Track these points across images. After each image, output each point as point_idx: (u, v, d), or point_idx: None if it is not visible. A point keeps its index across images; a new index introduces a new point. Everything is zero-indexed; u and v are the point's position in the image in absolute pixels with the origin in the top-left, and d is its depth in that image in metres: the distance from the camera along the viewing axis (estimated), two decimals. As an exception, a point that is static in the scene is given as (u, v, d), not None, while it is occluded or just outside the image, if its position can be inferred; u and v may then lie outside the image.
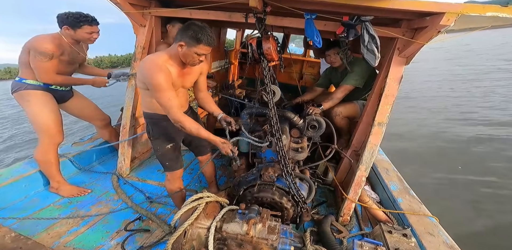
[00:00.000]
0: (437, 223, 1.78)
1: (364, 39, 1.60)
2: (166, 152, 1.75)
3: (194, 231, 1.24)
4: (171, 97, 1.42)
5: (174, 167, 1.80)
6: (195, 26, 1.37)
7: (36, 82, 1.95)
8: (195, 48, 1.39)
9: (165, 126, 1.68)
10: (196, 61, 1.47)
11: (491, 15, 1.25)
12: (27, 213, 1.86)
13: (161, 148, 1.73)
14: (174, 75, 1.47)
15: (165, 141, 1.73)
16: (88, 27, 1.94)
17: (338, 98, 2.32)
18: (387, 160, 2.59)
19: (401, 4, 1.40)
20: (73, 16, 1.88)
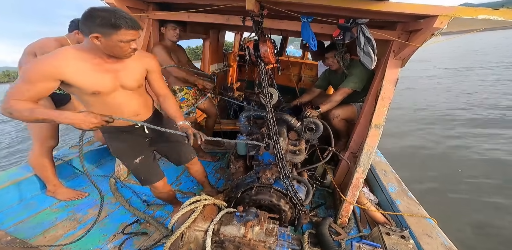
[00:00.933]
0: (435, 225, 1.78)
1: (360, 41, 1.62)
2: (137, 167, 1.58)
3: (191, 234, 1.24)
4: (25, 92, 1.12)
5: (151, 180, 1.65)
6: (102, 12, 1.11)
7: None
8: (116, 36, 1.14)
9: (124, 139, 1.50)
10: (128, 50, 1.22)
11: (483, 18, 1.27)
12: (23, 216, 1.85)
13: (129, 164, 1.56)
14: (89, 71, 1.21)
15: (130, 156, 1.54)
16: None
17: (337, 101, 2.33)
18: (385, 162, 2.59)
19: (396, 7, 1.41)
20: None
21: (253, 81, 2.11)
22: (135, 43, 1.24)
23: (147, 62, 1.44)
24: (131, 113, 1.45)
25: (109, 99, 1.33)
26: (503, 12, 1.25)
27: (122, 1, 1.94)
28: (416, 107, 8.39)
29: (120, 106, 1.39)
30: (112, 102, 1.35)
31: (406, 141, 5.83)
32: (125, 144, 1.52)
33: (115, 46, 1.17)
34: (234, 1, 1.71)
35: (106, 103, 1.33)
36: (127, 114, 1.42)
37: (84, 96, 1.28)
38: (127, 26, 1.14)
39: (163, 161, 2.81)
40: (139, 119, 1.48)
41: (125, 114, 1.41)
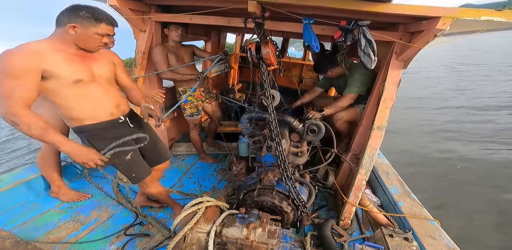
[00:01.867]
0: (439, 226, 1.77)
1: (361, 43, 1.62)
2: (129, 164, 1.53)
3: (194, 235, 1.24)
4: (18, 89, 1.09)
5: (143, 176, 1.61)
6: (85, 7, 1.20)
7: None
8: (95, 28, 1.22)
9: (112, 137, 1.42)
10: (100, 44, 1.29)
11: (485, 19, 1.26)
12: (27, 217, 1.86)
13: (120, 162, 1.49)
14: (67, 60, 1.22)
15: (122, 152, 1.44)
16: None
17: (342, 107, 2.34)
18: (387, 163, 2.58)
19: (398, 9, 1.41)
20: None
21: (253, 83, 2.12)
22: (108, 39, 1.31)
23: (111, 56, 1.50)
24: (113, 104, 1.44)
25: (89, 90, 1.32)
26: (506, 13, 1.25)
27: (125, 4, 1.97)
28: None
29: (101, 98, 1.39)
30: (93, 93, 1.35)
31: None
32: (113, 141, 1.44)
33: (90, 37, 1.24)
34: (235, 3, 1.72)
35: (87, 95, 1.32)
36: (109, 105, 1.43)
37: (64, 88, 1.25)
38: (108, 22, 1.25)
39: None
40: (120, 110, 1.49)
41: (107, 106, 1.42)
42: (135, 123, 1.60)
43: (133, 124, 1.57)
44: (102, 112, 1.41)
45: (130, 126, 1.55)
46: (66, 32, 1.19)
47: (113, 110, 1.45)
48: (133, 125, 1.56)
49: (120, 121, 1.49)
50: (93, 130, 1.39)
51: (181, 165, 2.80)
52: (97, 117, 1.38)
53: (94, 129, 1.39)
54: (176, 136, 3.33)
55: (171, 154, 2.95)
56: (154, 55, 2.32)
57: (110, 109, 1.44)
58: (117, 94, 1.51)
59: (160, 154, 1.78)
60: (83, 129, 1.38)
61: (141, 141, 1.51)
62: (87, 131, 1.39)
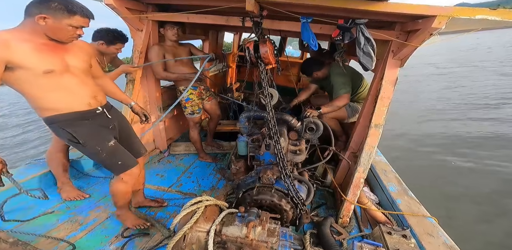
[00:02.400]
0: (437, 223, 1.78)
1: (360, 41, 1.63)
2: (113, 150, 1.48)
3: (193, 234, 1.24)
4: None
5: (131, 164, 1.55)
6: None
7: None
8: (69, 20, 1.19)
9: (90, 125, 1.42)
10: (74, 35, 1.26)
11: (480, 18, 1.28)
12: (26, 218, 1.85)
13: (103, 148, 1.43)
14: (35, 50, 1.19)
15: (103, 138, 1.45)
16: (120, 44, 2.15)
17: (339, 106, 2.38)
18: (385, 161, 2.60)
19: (394, 7, 1.42)
20: (112, 34, 2.09)
21: (252, 82, 2.12)
22: (82, 31, 1.29)
23: (86, 47, 1.48)
24: (89, 95, 1.42)
25: (63, 81, 1.30)
26: (501, 12, 1.26)
27: (121, 3, 1.95)
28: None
29: (76, 88, 1.36)
30: (67, 83, 1.32)
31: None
32: (92, 128, 1.43)
33: (63, 29, 1.21)
34: (233, 2, 1.72)
35: (60, 85, 1.29)
36: (85, 96, 1.40)
37: (34, 79, 1.22)
38: (83, 14, 1.23)
39: (163, 162, 2.84)
40: (98, 101, 1.46)
41: (83, 96, 1.39)
42: (113, 114, 1.59)
43: (111, 115, 1.56)
44: (78, 102, 1.38)
45: (108, 117, 1.54)
46: (35, 23, 1.16)
47: (91, 101, 1.43)
48: (111, 116, 1.56)
49: (98, 111, 1.47)
50: (68, 119, 1.35)
51: (179, 165, 2.80)
52: (72, 107, 1.36)
53: (69, 118, 1.35)
54: (174, 135, 3.32)
55: (169, 154, 2.96)
56: (150, 56, 2.34)
57: (87, 99, 1.41)
58: (94, 85, 1.49)
59: (133, 149, 1.70)
60: (56, 119, 1.33)
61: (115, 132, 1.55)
62: (61, 120, 1.34)
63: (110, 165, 1.51)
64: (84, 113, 1.40)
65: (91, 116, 1.44)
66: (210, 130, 3.07)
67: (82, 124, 1.39)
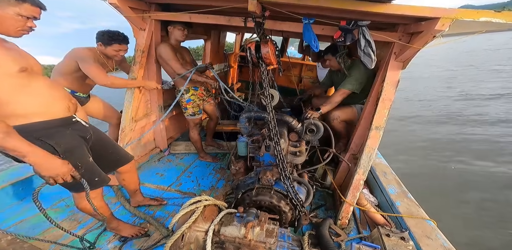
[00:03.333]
0: (435, 226, 1.78)
1: (360, 43, 1.63)
2: (91, 166, 1.35)
3: (192, 234, 1.24)
4: None
5: (105, 179, 1.44)
6: None
7: (66, 88, 2.05)
8: (17, 8, 1.04)
9: (72, 135, 1.26)
10: (24, 27, 1.11)
11: (484, 20, 1.27)
12: (23, 216, 1.86)
13: (83, 163, 1.28)
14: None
15: (84, 154, 1.31)
16: (117, 45, 2.06)
17: (336, 102, 2.34)
18: (385, 163, 2.60)
19: (397, 9, 1.42)
20: (107, 35, 2.03)
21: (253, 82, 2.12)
22: (34, 23, 1.14)
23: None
24: (66, 98, 1.28)
25: (38, 85, 1.15)
26: (505, 14, 1.25)
27: (125, 2, 1.96)
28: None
29: (49, 90, 1.20)
30: (42, 88, 1.16)
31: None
32: (74, 139, 1.27)
33: (10, 19, 1.05)
34: (236, 2, 1.72)
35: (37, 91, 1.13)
36: (62, 99, 1.25)
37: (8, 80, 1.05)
38: (33, 2, 1.09)
39: (163, 161, 2.84)
40: (74, 106, 1.34)
41: (60, 99, 1.24)
42: (88, 123, 1.47)
43: (87, 123, 1.43)
44: (56, 107, 1.22)
45: (85, 126, 1.40)
46: None
47: (69, 104, 1.29)
48: (88, 125, 1.43)
49: (74, 119, 1.33)
50: (48, 127, 1.17)
51: (179, 164, 2.80)
52: (51, 113, 1.18)
53: (49, 127, 1.17)
54: (174, 135, 3.33)
55: (169, 153, 2.95)
56: (164, 53, 2.31)
57: (66, 103, 1.26)
58: (66, 94, 1.33)
59: (120, 155, 1.66)
60: (31, 128, 1.12)
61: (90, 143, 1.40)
62: (38, 129, 1.14)
63: (88, 181, 1.26)
64: (64, 120, 1.25)
65: (69, 124, 1.28)
66: (210, 130, 3.07)
67: (64, 135, 1.21)
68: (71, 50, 2.03)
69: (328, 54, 2.48)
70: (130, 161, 1.73)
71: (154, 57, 2.44)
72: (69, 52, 2.01)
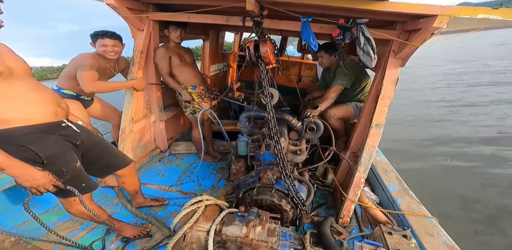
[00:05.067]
0: (437, 223, 1.78)
1: (360, 41, 1.62)
2: (78, 172, 1.29)
3: (193, 234, 1.24)
4: None
5: (93, 184, 1.39)
6: None
7: (71, 92, 2.10)
8: None
9: (57, 140, 1.20)
10: None
11: (482, 17, 1.27)
12: (26, 218, 1.86)
13: (68, 169, 1.22)
14: None
15: (71, 158, 1.25)
16: (100, 40, 2.01)
17: (332, 97, 2.36)
18: (386, 161, 2.60)
19: (395, 7, 1.42)
20: (93, 33, 2.02)
21: (252, 81, 2.12)
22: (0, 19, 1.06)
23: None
24: (52, 102, 1.21)
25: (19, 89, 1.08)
26: (503, 11, 1.25)
27: (122, 2, 1.96)
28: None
29: (32, 94, 1.13)
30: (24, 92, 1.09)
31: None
32: (59, 145, 1.21)
33: None
34: (234, 1, 1.72)
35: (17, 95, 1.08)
36: (47, 103, 1.19)
37: None
38: None
39: (164, 162, 2.84)
40: (64, 111, 1.27)
41: (45, 104, 1.18)
42: (80, 128, 1.39)
43: (79, 128, 1.36)
44: (40, 112, 1.15)
45: (76, 131, 1.33)
46: None
47: (57, 109, 1.22)
48: (79, 130, 1.36)
49: (63, 124, 1.27)
50: (29, 133, 1.10)
51: (180, 164, 2.80)
52: (33, 118, 1.12)
53: (31, 133, 1.10)
54: (175, 135, 3.33)
55: (170, 153, 2.95)
56: (156, 59, 2.40)
57: (52, 107, 1.19)
58: (53, 92, 1.27)
59: (119, 161, 1.65)
60: (13, 133, 1.06)
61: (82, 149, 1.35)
62: (20, 135, 1.08)
63: (73, 186, 1.23)
64: (50, 126, 1.18)
65: (57, 129, 1.22)
66: (207, 138, 2.92)
67: (47, 141, 1.15)
68: (78, 55, 2.06)
69: (321, 50, 2.50)
70: (129, 165, 1.71)
71: (153, 58, 2.45)
72: (74, 57, 2.05)
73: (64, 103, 1.31)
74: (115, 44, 2.07)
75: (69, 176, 1.23)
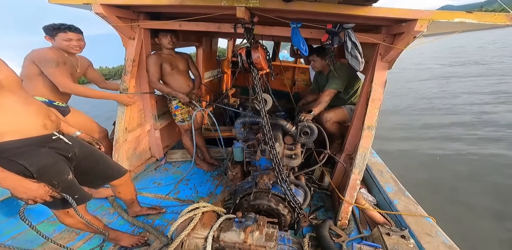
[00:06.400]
0: (434, 223, 1.79)
1: (347, 45, 1.66)
2: (70, 184, 1.28)
3: (191, 241, 1.24)
4: None
5: (86, 195, 1.38)
6: None
7: (41, 98, 1.92)
8: None
9: (47, 154, 1.19)
10: None
11: (459, 21, 1.33)
12: (21, 229, 1.83)
13: (60, 181, 1.21)
14: None
15: (62, 170, 1.25)
16: (63, 34, 1.88)
17: (326, 101, 2.39)
18: (381, 162, 2.62)
19: (378, 12, 1.48)
20: (49, 26, 1.87)
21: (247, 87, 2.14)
22: None
23: None
24: (42, 114, 1.20)
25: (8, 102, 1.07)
26: (477, 15, 1.32)
27: (112, 11, 1.95)
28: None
29: (26, 113, 1.13)
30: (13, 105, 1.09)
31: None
32: (49, 158, 1.20)
33: None
34: (224, 9, 1.75)
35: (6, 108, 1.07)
36: (37, 116, 1.17)
37: None
38: None
39: (160, 170, 2.82)
40: (54, 123, 1.27)
41: (34, 117, 1.17)
42: (72, 140, 1.38)
43: (70, 141, 1.35)
44: (29, 125, 1.14)
45: (68, 143, 1.32)
46: None
47: (46, 122, 1.20)
48: (71, 143, 1.35)
49: (54, 137, 1.26)
50: (19, 147, 1.09)
51: (177, 172, 2.79)
52: (22, 132, 1.11)
53: (20, 147, 1.09)
54: (170, 143, 3.32)
55: (166, 162, 2.94)
56: (147, 66, 2.38)
57: (41, 120, 1.18)
58: (42, 104, 1.26)
59: (113, 172, 1.64)
60: (1, 147, 1.06)
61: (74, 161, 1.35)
62: (8, 149, 1.07)
63: (68, 197, 1.23)
64: (40, 139, 1.17)
65: (47, 142, 1.21)
66: (201, 147, 2.92)
67: (38, 154, 1.15)
68: (30, 51, 1.86)
69: (313, 54, 2.54)
70: (124, 175, 1.70)
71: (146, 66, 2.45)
72: (29, 54, 1.85)
73: (54, 115, 1.30)
74: (80, 38, 1.96)
75: (60, 188, 1.22)
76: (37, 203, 1.11)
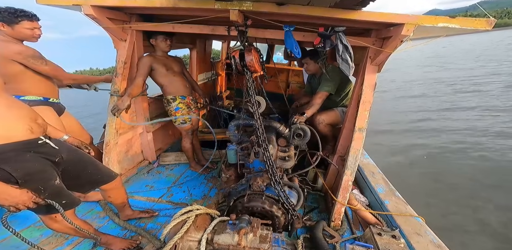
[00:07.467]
0: (423, 223, 1.83)
1: (338, 48, 1.69)
2: (58, 189, 1.25)
3: (184, 244, 1.23)
4: None
5: (75, 200, 1.35)
6: None
7: (35, 97, 1.83)
8: None
9: (33, 159, 1.15)
10: None
11: (442, 26, 1.39)
12: (6, 234, 1.77)
13: (46, 187, 1.18)
14: None
15: (49, 176, 1.22)
16: (28, 22, 1.74)
17: (318, 103, 2.43)
18: (372, 163, 2.66)
19: (367, 16, 1.52)
20: (7, 11, 1.67)
21: (241, 89, 2.15)
22: None
23: None
24: (28, 118, 1.17)
25: None
26: (460, 20, 1.37)
27: (103, 13, 1.91)
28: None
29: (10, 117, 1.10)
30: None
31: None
32: (35, 163, 1.16)
33: None
34: (218, 12, 1.76)
35: None
36: (22, 120, 1.14)
37: None
38: None
39: (153, 173, 2.78)
40: (40, 127, 1.23)
41: (19, 120, 1.14)
42: (59, 144, 1.35)
43: (57, 145, 1.31)
44: (14, 129, 1.10)
45: (54, 148, 1.29)
46: None
47: (32, 125, 1.17)
48: (58, 147, 1.31)
49: (40, 142, 1.21)
50: (2, 152, 1.06)
51: (170, 175, 2.76)
52: (6, 136, 1.07)
53: (3, 152, 1.06)
54: (163, 146, 3.29)
55: (159, 164, 2.91)
56: (138, 65, 2.32)
57: (27, 124, 1.14)
58: (28, 107, 1.22)
59: (103, 176, 1.61)
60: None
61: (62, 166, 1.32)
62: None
63: (55, 202, 1.20)
64: (26, 144, 1.13)
65: (33, 147, 1.17)
66: (196, 149, 2.92)
67: (23, 159, 1.11)
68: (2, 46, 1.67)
69: (307, 57, 2.58)
70: (114, 179, 1.67)
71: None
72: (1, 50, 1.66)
73: (41, 119, 1.26)
74: (40, 26, 1.84)
75: (47, 193, 1.19)
76: (20, 210, 1.08)
